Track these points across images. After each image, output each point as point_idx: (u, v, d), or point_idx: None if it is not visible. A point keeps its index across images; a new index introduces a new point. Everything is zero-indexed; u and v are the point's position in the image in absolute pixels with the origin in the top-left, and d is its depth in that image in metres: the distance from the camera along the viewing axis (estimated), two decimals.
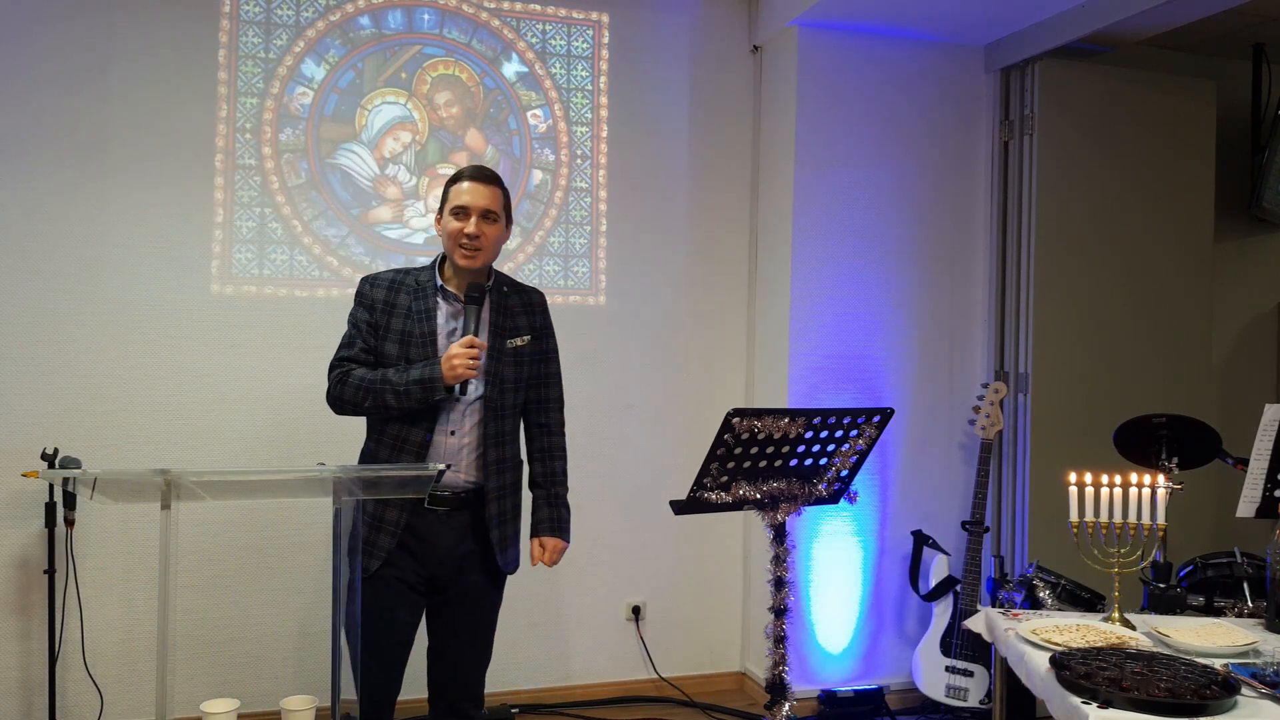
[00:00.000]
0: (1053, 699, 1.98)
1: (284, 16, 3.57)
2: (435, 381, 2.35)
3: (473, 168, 2.51)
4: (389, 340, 2.45)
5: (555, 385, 2.66)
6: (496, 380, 2.47)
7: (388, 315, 2.46)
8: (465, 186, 2.45)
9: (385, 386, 2.39)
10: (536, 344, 2.58)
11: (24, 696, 3.30)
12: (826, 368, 3.87)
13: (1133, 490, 2.37)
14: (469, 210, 2.42)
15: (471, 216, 2.42)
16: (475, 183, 2.45)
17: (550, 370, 2.64)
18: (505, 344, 2.50)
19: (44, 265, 3.34)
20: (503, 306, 2.53)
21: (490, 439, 2.47)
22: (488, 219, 2.44)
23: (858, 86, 3.90)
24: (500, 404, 2.48)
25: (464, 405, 2.44)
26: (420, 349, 2.42)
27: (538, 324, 2.59)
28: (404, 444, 2.43)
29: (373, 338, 2.47)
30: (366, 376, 2.41)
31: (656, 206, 3.99)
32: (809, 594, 3.84)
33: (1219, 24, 3.99)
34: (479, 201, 2.43)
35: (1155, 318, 3.99)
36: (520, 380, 2.54)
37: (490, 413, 2.47)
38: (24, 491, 3.29)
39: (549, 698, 3.82)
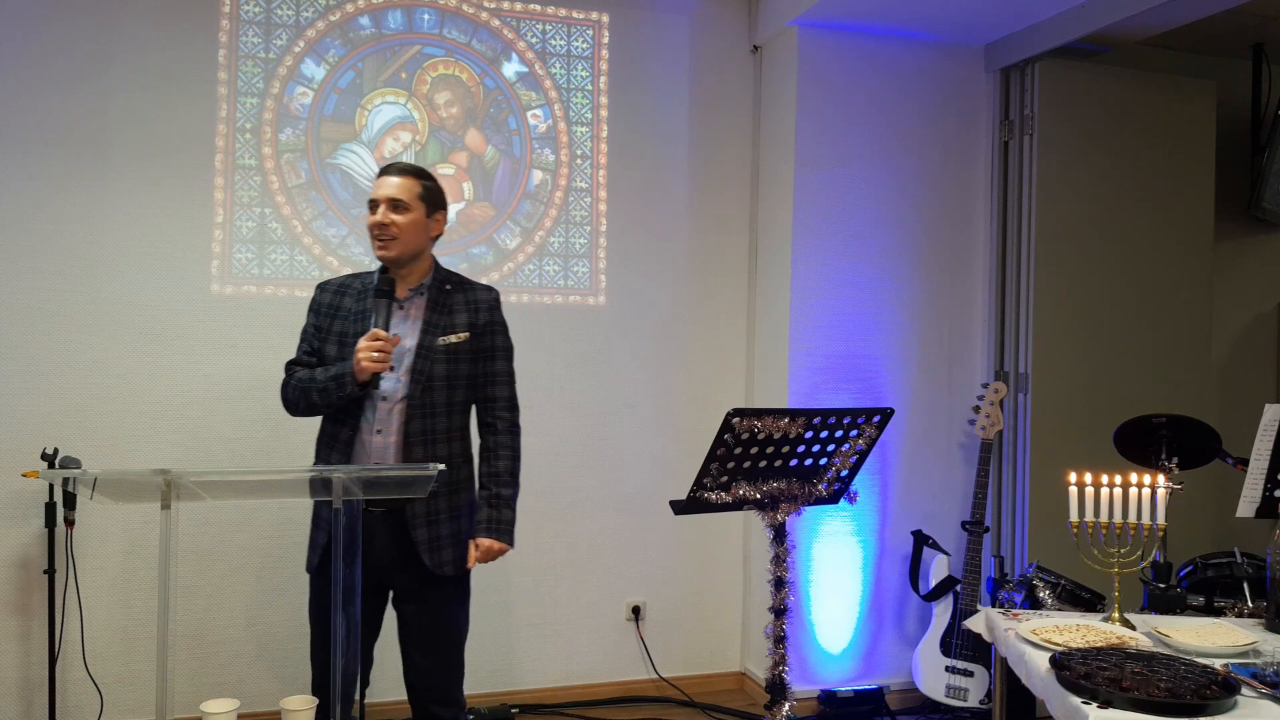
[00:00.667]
0: (1053, 699, 1.98)
1: (284, 16, 3.57)
2: (345, 377, 2.38)
3: (394, 164, 2.54)
4: (329, 342, 2.49)
5: (503, 384, 2.62)
6: (422, 378, 2.45)
7: (331, 318, 2.51)
8: (380, 181, 2.49)
9: (311, 385, 2.45)
10: (478, 341, 2.55)
11: (24, 696, 3.30)
12: (826, 368, 3.87)
13: (1133, 490, 2.37)
14: (376, 202, 2.46)
15: (380, 207, 2.44)
16: (384, 176, 2.49)
17: (496, 369, 2.60)
18: (436, 341, 2.48)
19: (44, 265, 3.34)
20: (441, 304, 2.52)
21: (416, 438, 2.44)
22: (397, 209, 2.44)
23: (857, 86, 3.90)
24: (428, 402, 2.46)
25: (390, 404, 2.44)
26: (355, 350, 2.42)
27: (480, 321, 2.56)
28: (334, 442, 2.47)
29: (317, 340, 2.52)
30: (301, 377, 2.48)
31: (656, 206, 4.00)
32: (809, 594, 3.84)
33: (1219, 24, 3.99)
34: (384, 192, 2.45)
35: (1155, 318, 3.99)
36: (456, 378, 2.51)
37: (415, 411, 2.44)
38: (24, 491, 3.29)
39: (549, 698, 3.82)
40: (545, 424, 3.85)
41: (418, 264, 2.52)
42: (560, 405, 3.87)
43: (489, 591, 3.79)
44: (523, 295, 3.83)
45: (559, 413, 3.86)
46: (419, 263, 2.53)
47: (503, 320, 2.63)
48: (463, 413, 2.55)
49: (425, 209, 2.50)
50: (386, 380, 2.43)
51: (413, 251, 2.49)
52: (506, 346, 2.64)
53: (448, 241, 3.74)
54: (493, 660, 3.79)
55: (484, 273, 3.78)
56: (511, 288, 3.82)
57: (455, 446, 2.53)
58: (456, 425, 2.53)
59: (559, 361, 3.87)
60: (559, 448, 3.86)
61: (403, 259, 2.48)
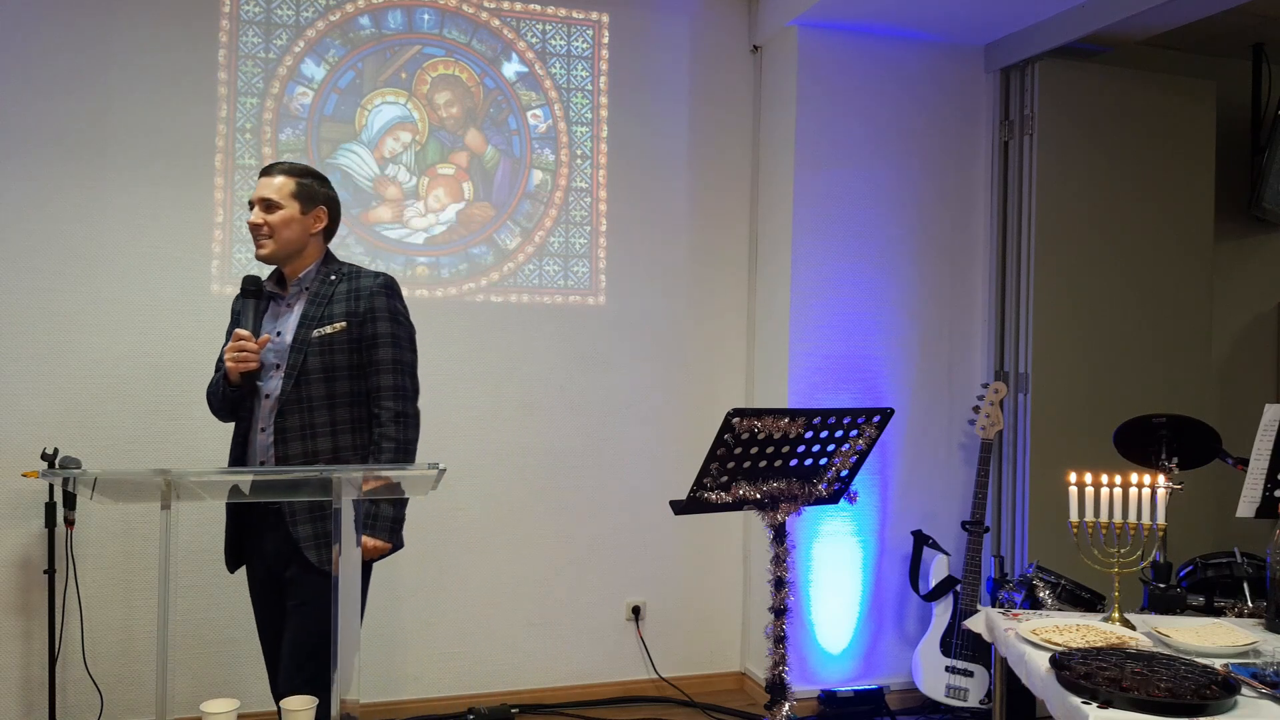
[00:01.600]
0: (1053, 699, 1.98)
1: (284, 16, 3.57)
2: (219, 380, 2.49)
3: (270, 164, 2.57)
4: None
5: (387, 373, 2.50)
6: (294, 373, 2.42)
7: (234, 323, 2.58)
8: (258, 182, 2.51)
9: (209, 389, 2.56)
10: (358, 330, 2.47)
11: (24, 696, 3.30)
12: (826, 368, 3.87)
13: (1133, 490, 2.37)
14: (252, 203, 2.50)
15: (254, 208, 2.48)
16: (262, 177, 2.51)
17: (378, 358, 2.49)
18: (311, 334, 2.44)
19: (44, 265, 3.34)
20: (320, 296, 2.49)
21: (292, 433, 2.41)
22: (269, 208, 2.46)
23: (858, 86, 3.90)
24: (302, 396, 2.42)
25: (271, 401, 2.44)
26: None
27: (360, 309, 2.47)
28: (233, 444, 2.53)
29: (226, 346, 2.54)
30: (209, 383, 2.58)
31: (656, 206, 4.00)
32: (809, 594, 3.84)
33: (1219, 24, 3.99)
34: (257, 193, 2.48)
35: (1155, 318, 3.99)
36: (334, 369, 2.45)
37: (289, 405, 2.41)
38: (24, 491, 3.29)
39: (549, 698, 3.82)
40: (545, 424, 3.85)
41: (299, 260, 2.52)
42: (560, 405, 3.87)
43: (489, 591, 3.79)
44: (523, 295, 3.83)
45: (559, 413, 3.87)
46: (300, 259, 2.52)
47: (389, 307, 2.51)
48: (350, 405, 2.47)
49: (300, 205, 2.48)
50: (272, 378, 2.44)
51: (289, 249, 2.49)
52: (392, 334, 2.51)
53: (448, 241, 3.74)
54: (493, 660, 3.79)
55: (484, 273, 3.78)
56: (511, 288, 3.82)
57: (342, 440, 2.46)
58: (342, 418, 2.46)
59: (559, 361, 3.87)
60: (559, 448, 3.87)
61: (278, 257, 2.49)
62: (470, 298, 3.77)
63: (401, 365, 2.52)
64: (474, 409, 3.77)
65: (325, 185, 2.57)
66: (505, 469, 3.80)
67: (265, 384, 2.45)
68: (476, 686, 3.77)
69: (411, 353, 2.56)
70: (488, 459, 3.78)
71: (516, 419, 3.82)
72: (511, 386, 3.81)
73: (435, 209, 3.73)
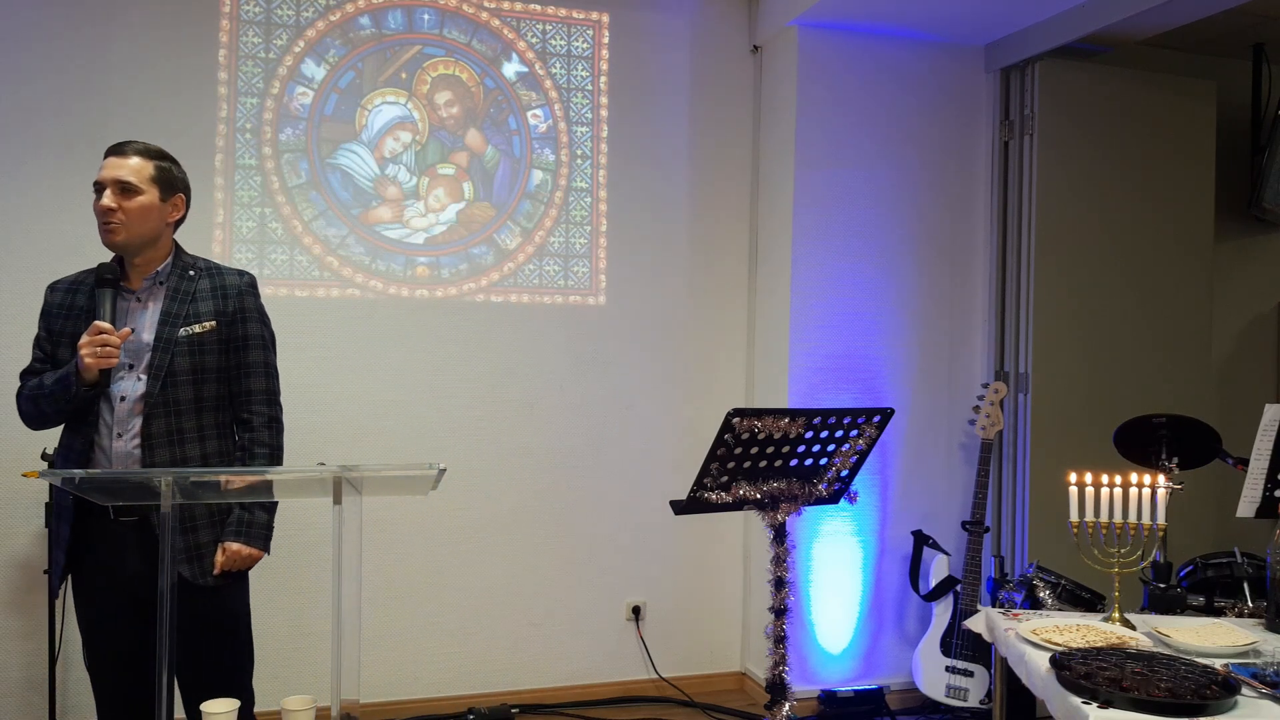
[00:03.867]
0: (1053, 699, 1.98)
1: (284, 16, 3.57)
2: (70, 378, 2.18)
3: (120, 143, 2.32)
4: (62, 346, 2.28)
5: (257, 376, 2.40)
6: (161, 373, 2.25)
7: (62, 319, 2.30)
8: (104, 163, 2.28)
9: (39, 392, 2.24)
10: (228, 330, 2.36)
11: (24, 696, 3.30)
12: (826, 368, 3.87)
13: (1133, 490, 2.37)
14: (102, 184, 2.26)
15: (105, 189, 2.25)
16: (112, 156, 2.28)
17: (249, 359, 2.38)
18: (178, 333, 2.28)
19: (43, 265, 3.34)
20: (181, 293, 2.32)
21: (160, 439, 2.25)
22: (125, 192, 2.25)
23: (858, 86, 3.90)
24: (170, 399, 2.26)
25: (129, 404, 2.24)
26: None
27: (230, 308, 2.36)
28: (69, 451, 2.26)
29: (49, 344, 2.31)
30: (30, 385, 2.27)
31: (656, 206, 4.00)
32: (809, 594, 3.84)
33: (1219, 24, 3.99)
34: (111, 174, 2.25)
35: (1155, 318, 3.99)
36: (203, 371, 2.31)
37: (156, 410, 2.25)
38: (24, 491, 3.29)
39: (549, 698, 3.82)
40: (545, 424, 3.85)
41: (153, 251, 2.32)
42: (560, 405, 3.87)
43: (489, 591, 3.79)
44: (523, 295, 3.83)
45: (559, 413, 3.87)
46: (154, 250, 2.32)
47: (258, 307, 2.42)
48: (216, 409, 2.36)
49: (159, 191, 2.30)
50: (125, 379, 2.24)
51: (144, 238, 2.29)
52: (262, 335, 2.41)
53: (448, 241, 3.74)
54: (493, 660, 3.79)
55: (484, 273, 3.78)
56: (511, 288, 3.82)
57: (210, 445, 2.34)
58: (209, 423, 2.34)
59: (559, 362, 3.87)
60: (559, 448, 3.87)
61: (131, 246, 2.28)
62: (470, 298, 3.77)
63: (270, 369, 2.44)
64: (474, 409, 3.77)
65: (182, 171, 2.39)
66: (505, 469, 3.80)
67: (118, 385, 2.24)
68: (476, 686, 3.77)
69: (275, 355, 2.47)
70: (488, 459, 3.78)
71: (516, 419, 3.82)
72: (511, 386, 3.81)
73: (435, 209, 3.73)
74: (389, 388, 3.67)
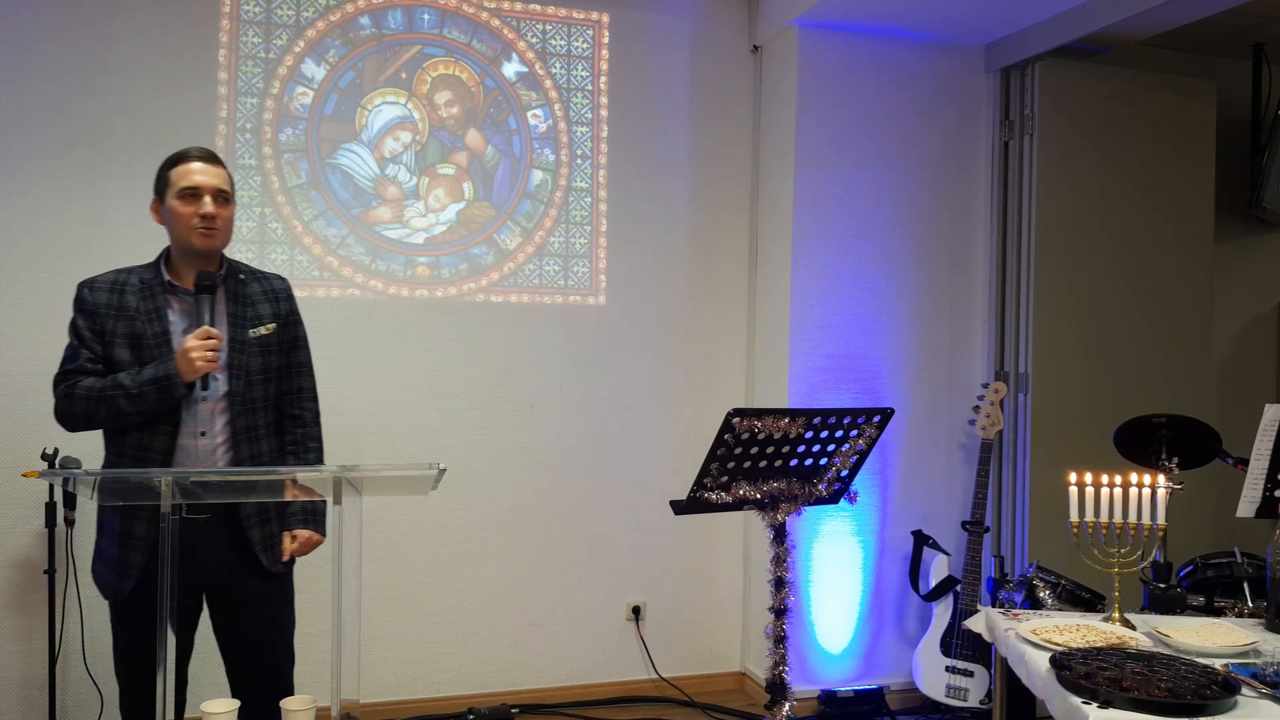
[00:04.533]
0: (1053, 699, 1.98)
1: (284, 16, 3.57)
2: (171, 378, 2.23)
3: (196, 148, 2.39)
4: (117, 345, 2.30)
5: (307, 374, 2.53)
6: (241, 373, 2.35)
7: (113, 319, 2.31)
8: (195, 167, 2.33)
9: (118, 392, 2.24)
10: (283, 332, 2.46)
11: (24, 696, 3.30)
12: (826, 367, 3.87)
13: (1133, 490, 2.37)
14: (200, 191, 2.31)
15: (204, 197, 2.31)
16: (204, 163, 2.34)
17: (299, 359, 2.51)
18: (248, 334, 2.37)
19: (44, 265, 3.34)
20: (241, 295, 2.41)
21: (242, 436, 2.35)
22: (219, 199, 2.33)
23: (858, 86, 3.90)
24: (249, 397, 2.36)
25: (211, 403, 2.31)
26: (154, 350, 2.28)
27: (283, 311, 2.47)
28: (147, 452, 2.29)
29: (99, 345, 2.31)
30: (96, 385, 2.27)
31: (656, 206, 4.00)
32: (809, 594, 3.84)
33: (1219, 24, 3.98)
34: (211, 181, 2.33)
35: (1155, 318, 3.99)
36: (269, 371, 2.42)
37: (239, 408, 2.34)
38: (24, 491, 3.29)
39: (549, 698, 3.82)
40: (545, 424, 3.85)
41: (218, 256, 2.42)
42: (560, 405, 3.87)
43: (489, 591, 3.79)
44: (523, 295, 3.83)
45: (559, 413, 3.87)
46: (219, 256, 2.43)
47: (298, 309, 2.54)
48: (275, 407, 2.47)
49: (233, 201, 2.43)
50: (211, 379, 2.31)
51: (226, 244, 2.41)
52: (305, 336, 2.55)
53: (448, 241, 3.75)
54: (493, 660, 3.79)
55: (484, 273, 3.78)
56: (511, 288, 3.82)
57: (273, 441, 2.45)
58: (272, 419, 2.45)
59: (559, 362, 3.87)
60: (559, 447, 3.87)
61: (216, 251, 2.38)
62: (470, 298, 3.77)
63: (312, 368, 2.57)
64: (474, 409, 3.77)
65: None
66: (505, 469, 3.80)
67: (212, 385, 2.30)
68: (476, 686, 3.77)
69: None
70: (488, 459, 3.78)
71: (516, 419, 3.82)
72: (511, 386, 3.81)
73: (435, 209, 3.73)
74: (389, 388, 3.67)
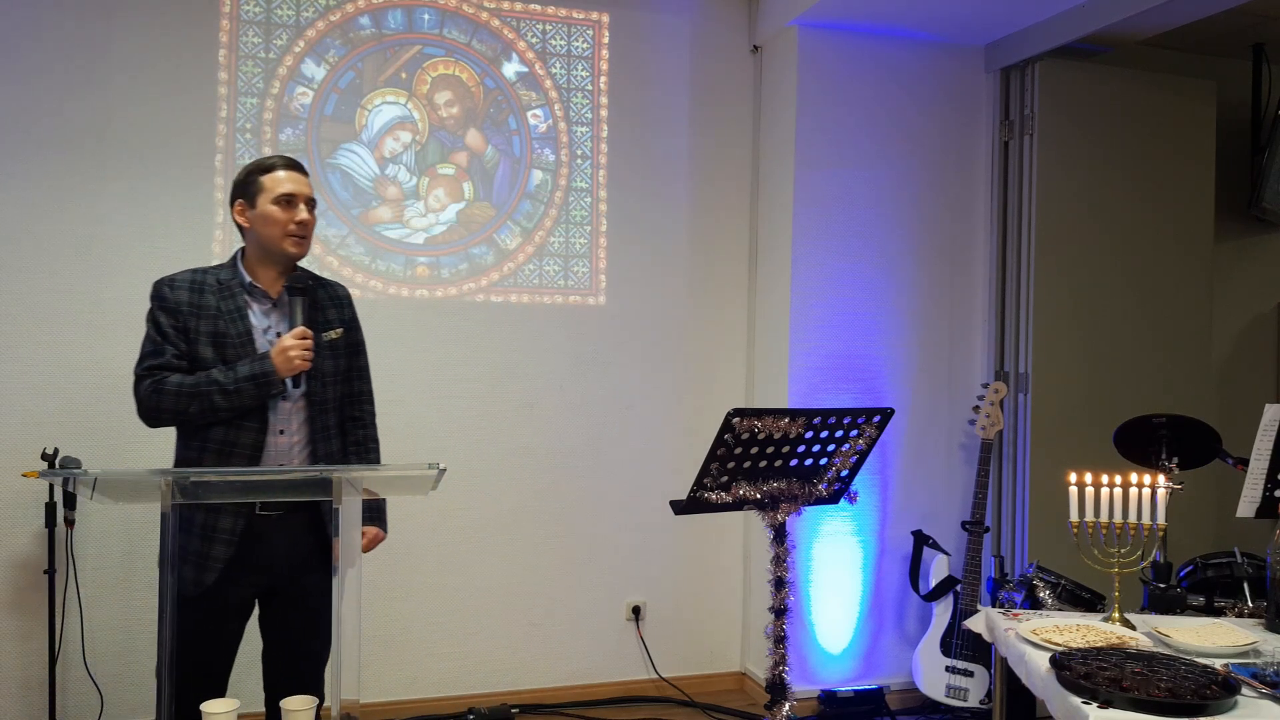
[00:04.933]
0: (1053, 699, 1.98)
1: (284, 16, 3.57)
2: (270, 375, 2.29)
3: (283, 156, 2.43)
4: (201, 344, 2.33)
5: (366, 379, 2.61)
6: (317, 374, 2.40)
7: (195, 317, 2.34)
8: (286, 175, 2.38)
9: (212, 388, 2.28)
10: (348, 336, 2.53)
11: (24, 696, 3.30)
12: (826, 367, 3.87)
13: (1133, 490, 2.37)
14: (296, 198, 2.37)
15: (299, 204, 2.37)
16: (295, 171, 2.40)
17: (361, 363, 2.60)
18: (320, 337, 2.43)
19: (44, 265, 3.34)
20: (314, 300, 2.46)
21: (319, 435, 2.42)
22: (310, 208, 2.40)
23: (858, 86, 3.90)
24: (323, 398, 2.43)
25: (290, 402, 2.37)
26: (237, 349, 2.33)
27: (346, 316, 2.54)
28: (233, 448, 2.33)
29: (183, 342, 2.34)
30: (187, 381, 2.30)
31: (656, 206, 4.00)
32: (809, 594, 3.84)
33: (1219, 24, 3.98)
34: (304, 190, 2.39)
35: (1155, 318, 3.99)
36: (338, 373, 2.49)
37: (316, 408, 2.41)
38: (24, 491, 3.29)
39: (549, 698, 3.82)
40: (545, 424, 3.85)
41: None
42: (560, 405, 3.87)
43: (489, 591, 3.79)
44: (523, 295, 3.83)
45: (559, 413, 3.87)
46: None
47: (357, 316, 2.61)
48: (340, 408, 2.53)
49: None
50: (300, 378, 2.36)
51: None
52: (364, 342, 2.62)
53: (448, 241, 3.75)
54: (493, 660, 3.79)
55: (484, 273, 3.78)
56: (511, 288, 3.82)
57: (338, 442, 2.52)
58: (337, 421, 2.52)
59: (559, 362, 3.87)
60: (559, 448, 3.87)
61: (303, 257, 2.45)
62: (470, 298, 3.77)
63: (370, 373, 2.64)
64: (474, 409, 3.77)
65: None
66: (505, 469, 3.80)
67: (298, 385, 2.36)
68: (476, 686, 3.77)
69: None
70: (488, 459, 3.78)
71: (516, 419, 3.82)
72: (511, 386, 3.81)
73: (435, 209, 3.73)
74: (389, 388, 3.66)
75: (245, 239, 2.44)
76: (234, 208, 2.42)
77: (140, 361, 2.35)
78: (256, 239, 2.40)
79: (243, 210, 2.40)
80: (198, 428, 2.34)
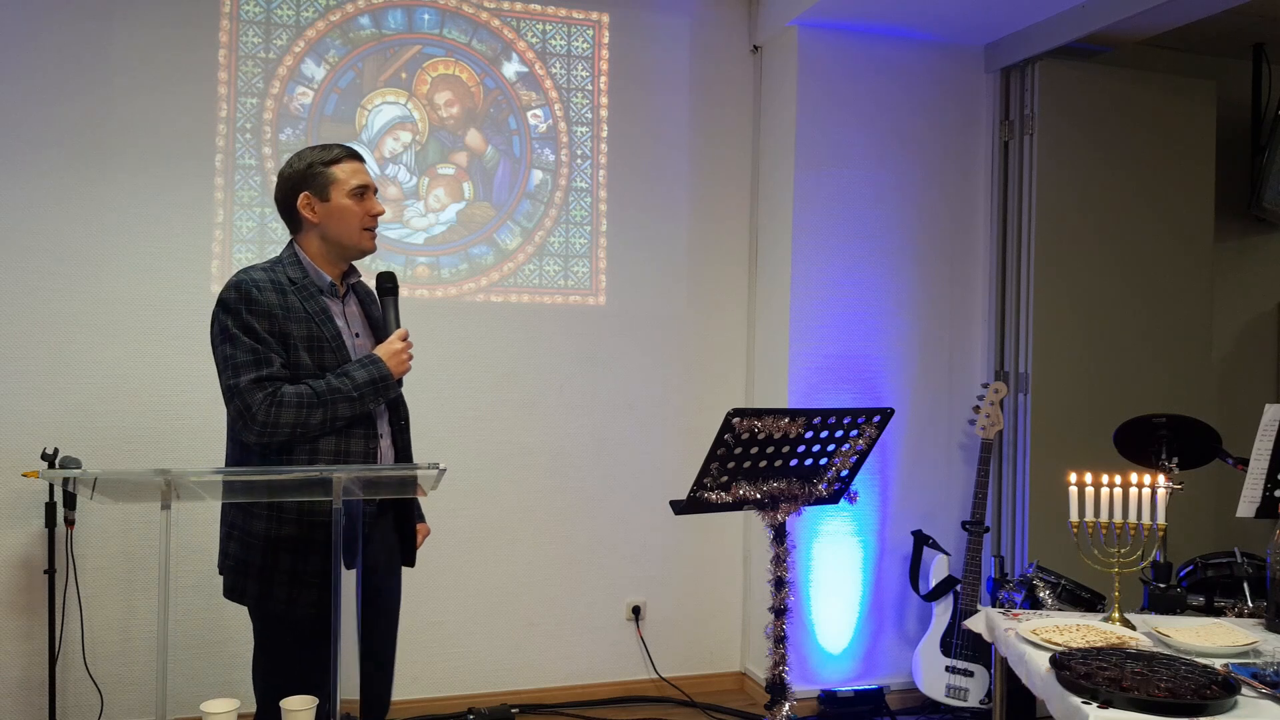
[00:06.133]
0: (1053, 699, 1.98)
1: (284, 16, 3.57)
2: (388, 379, 2.20)
3: (342, 145, 2.28)
4: (300, 349, 2.16)
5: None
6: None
7: (289, 321, 2.16)
8: (355, 165, 2.25)
9: (336, 397, 2.14)
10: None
11: (24, 696, 3.30)
12: (826, 367, 3.87)
13: (1133, 490, 2.37)
14: (368, 189, 2.26)
15: (371, 195, 2.26)
16: (359, 162, 2.27)
17: None
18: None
19: (44, 265, 3.34)
20: (365, 297, 2.41)
21: (399, 436, 2.38)
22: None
23: (858, 87, 3.90)
24: (399, 399, 2.37)
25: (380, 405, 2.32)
26: (334, 353, 2.19)
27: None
28: (347, 456, 2.21)
29: (283, 349, 2.16)
30: (305, 391, 2.13)
31: (656, 206, 4.00)
32: (809, 594, 3.84)
33: (1219, 24, 3.99)
34: (371, 180, 2.29)
35: (1155, 318, 3.99)
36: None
37: (395, 409, 2.36)
38: (24, 491, 3.29)
39: (549, 698, 3.82)
40: (545, 424, 3.85)
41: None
42: (560, 405, 3.87)
43: (489, 591, 3.79)
44: (523, 295, 3.83)
45: (559, 413, 3.87)
46: None
47: None
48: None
49: None
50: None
51: None
52: None
53: (448, 241, 3.75)
54: (493, 660, 3.79)
55: (484, 273, 3.78)
56: (511, 288, 3.82)
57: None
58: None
59: (559, 361, 3.87)
60: (559, 448, 3.87)
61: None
62: (470, 298, 3.77)
63: None
64: (474, 409, 3.77)
65: None
66: (505, 469, 3.80)
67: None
68: (476, 686, 3.77)
69: None
70: (488, 459, 3.78)
71: (516, 419, 3.82)
72: (511, 386, 3.81)
73: (435, 209, 3.73)
74: None
75: (304, 234, 2.26)
76: (298, 201, 2.23)
77: (237, 372, 2.11)
78: (326, 233, 2.24)
79: (310, 204, 2.22)
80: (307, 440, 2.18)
